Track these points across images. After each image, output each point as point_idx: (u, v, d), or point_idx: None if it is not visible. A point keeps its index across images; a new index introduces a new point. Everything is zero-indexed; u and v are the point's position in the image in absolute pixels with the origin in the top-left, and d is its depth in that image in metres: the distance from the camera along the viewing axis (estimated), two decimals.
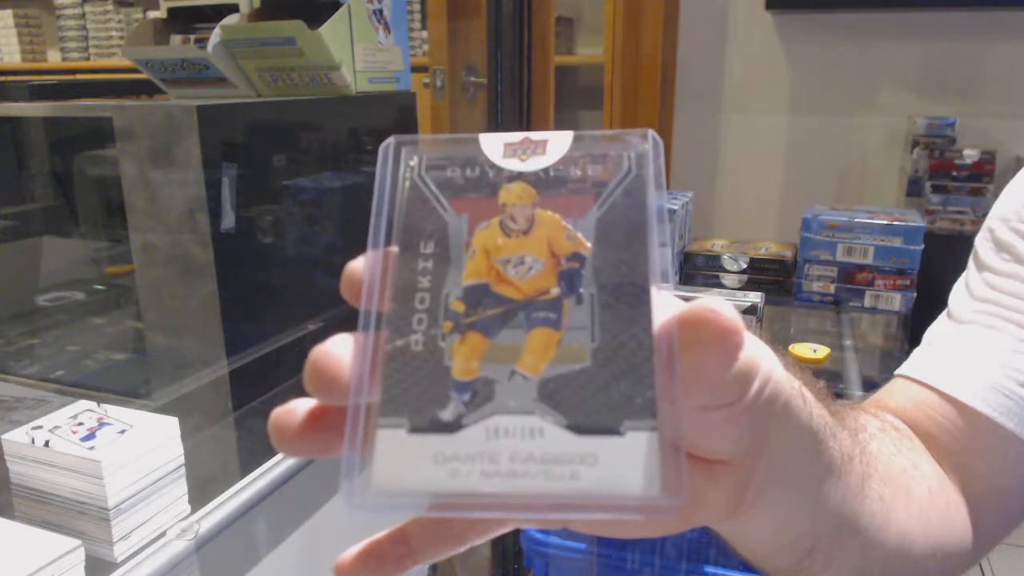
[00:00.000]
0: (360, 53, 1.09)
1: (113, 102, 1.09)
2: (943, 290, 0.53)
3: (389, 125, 1.23)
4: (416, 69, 1.37)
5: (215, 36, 1.04)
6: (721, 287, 1.42)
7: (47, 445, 0.63)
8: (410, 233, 0.24)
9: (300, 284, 1.06)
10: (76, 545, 0.56)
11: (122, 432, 0.65)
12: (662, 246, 0.23)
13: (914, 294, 1.34)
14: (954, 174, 2.04)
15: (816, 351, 1.17)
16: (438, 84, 1.88)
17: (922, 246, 1.32)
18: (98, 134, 1.10)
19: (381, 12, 1.13)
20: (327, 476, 0.83)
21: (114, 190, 0.96)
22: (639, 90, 2.35)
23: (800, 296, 1.40)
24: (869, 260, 1.35)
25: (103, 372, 1.01)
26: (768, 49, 2.43)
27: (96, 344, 1.09)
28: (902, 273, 1.34)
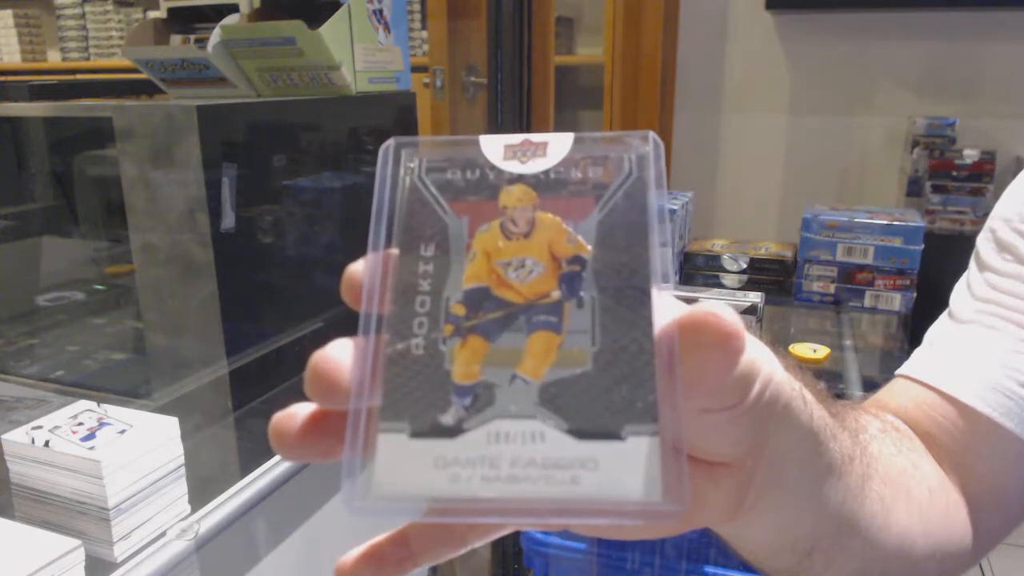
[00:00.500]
0: (360, 53, 1.09)
1: (113, 102, 1.09)
2: (943, 290, 0.53)
3: (389, 125, 1.22)
4: (416, 69, 1.37)
5: (215, 36, 1.04)
6: (721, 287, 1.42)
7: (47, 445, 0.63)
8: (410, 236, 0.24)
9: (300, 284, 1.06)
10: (76, 545, 0.56)
11: (122, 432, 0.65)
12: (663, 246, 0.23)
13: (914, 294, 1.34)
14: (954, 174, 2.04)
15: (816, 351, 1.17)
16: (438, 84, 1.88)
17: (922, 246, 1.32)
18: (98, 134, 1.10)
19: (381, 12, 1.13)
20: (327, 477, 0.83)
21: (114, 190, 0.96)
22: (639, 90, 2.35)
23: (800, 296, 1.40)
24: (869, 260, 1.35)
25: (103, 372, 1.01)
26: (768, 49, 2.43)
27: (96, 344, 1.09)
28: (902, 273, 1.34)
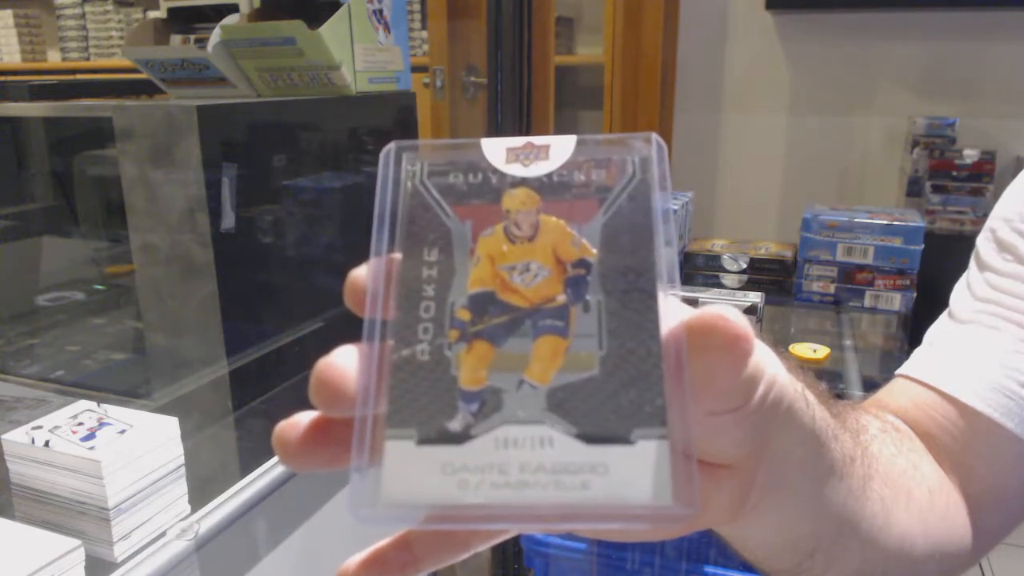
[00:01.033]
0: (360, 53, 1.09)
1: (113, 102, 1.09)
2: (943, 290, 0.53)
3: (389, 125, 1.22)
4: (416, 69, 1.37)
5: (215, 36, 1.04)
6: (721, 287, 1.42)
7: (47, 445, 0.63)
8: (413, 240, 0.24)
9: (300, 284, 1.06)
10: (76, 545, 0.56)
11: (122, 432, 0.65)
12: (667, 245, 0.23)
13: (914, 294, 1.34)
14: (954, 174, 2.04)
15: (816, 351, 1.17)
16: (438, 84, 1.88)
17: (922, 246, 1.32)
18: (98, 134, 1.10)
19: (381, 12, 1.13)
20: (327, 477, 0.83)
21: (114, 190, 0.96)
22: (639, 90, 2.35)
23: (800, 296, 1.40)
24: (869, 260, 1.35)
25: (103, 372, 1.01)
26: (768, 49, 2.42)
27: (96, 344, 1.09)
28: (902, 273, 1.34)
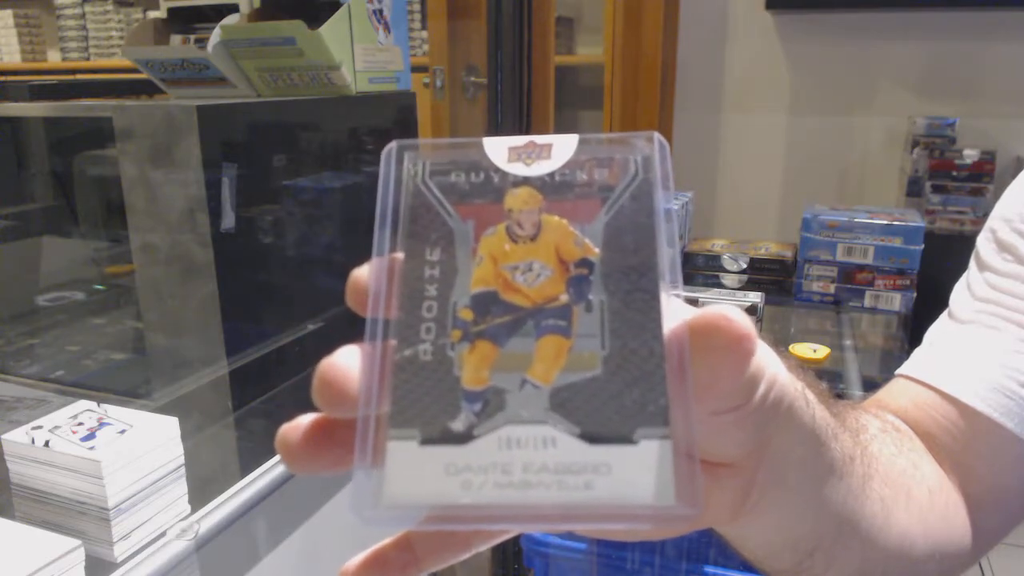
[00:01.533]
0: (360, 53, 1.09)
1: (113, 102, 1.09)
2: (943, 290, 0.53)
3: (389, 125, 1.22)
4: (416, 69, 1.37)
5: (215, 36, 1.04)
6: (721, 287, 1.42)
7: (47, 445, 0.63)
8: (415, 240, 0.24)
9: (300, 284, 1.06)
10: (76, 545, 0.56)
11: (122, 432, 0.65)
12: (670, 246, 0.23)
13: (914, 294, 1.34)
14: (954, 174, 2.04)
15: (816, 351, 1.17)
16: (438, 84, 1.88)
17: (922, 246, 1.32)
18: (98, 134, 1.10)
19: (381, 12, 1.13)
20: (327, 477, 0.83)
21: (114, 190, 0.96)
22: (639, 90, 2.35)
23: (800, 296, 1.40)
24: (869, 260, 1.35)
25: (103, 372, 1.01)
26: (768, 49, 2.43)
27: (96, 344, 1.09)
28: (902, 273, 1.34)
